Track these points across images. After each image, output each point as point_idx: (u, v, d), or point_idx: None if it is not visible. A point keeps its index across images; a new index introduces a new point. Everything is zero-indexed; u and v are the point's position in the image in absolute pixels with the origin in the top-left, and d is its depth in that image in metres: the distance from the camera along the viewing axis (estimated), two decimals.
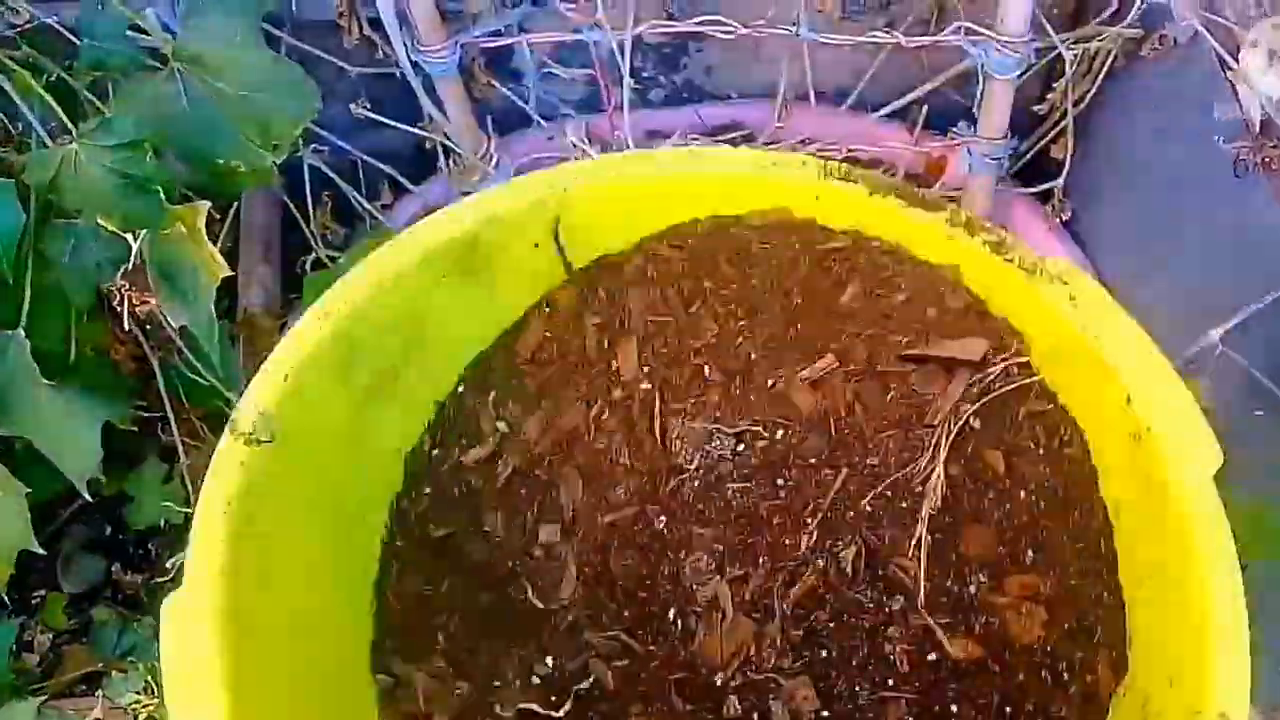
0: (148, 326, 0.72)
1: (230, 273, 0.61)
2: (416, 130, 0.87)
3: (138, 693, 0.65)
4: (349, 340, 0.53)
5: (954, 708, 0.51)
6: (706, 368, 0.60)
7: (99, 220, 0.59)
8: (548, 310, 0.62)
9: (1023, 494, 0.54)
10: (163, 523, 0.80)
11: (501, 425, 0.61)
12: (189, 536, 0.43)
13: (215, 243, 0.62)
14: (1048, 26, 0.76)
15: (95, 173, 0.59)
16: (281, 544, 0.48)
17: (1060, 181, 0.86)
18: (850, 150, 0.87)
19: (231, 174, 0.64)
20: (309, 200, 0.86)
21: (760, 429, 0.59)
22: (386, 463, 0.59)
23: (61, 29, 0.68)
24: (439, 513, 0.59)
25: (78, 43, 0.66)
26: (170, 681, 0.41)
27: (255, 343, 0.80)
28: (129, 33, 0.65)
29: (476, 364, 0.62)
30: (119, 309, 0.65)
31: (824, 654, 0.53)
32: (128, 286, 0.64)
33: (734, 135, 0.90)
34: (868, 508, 0.56)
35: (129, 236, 0.60)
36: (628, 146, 0.83)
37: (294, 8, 0.80)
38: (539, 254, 0.60)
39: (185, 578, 0.42)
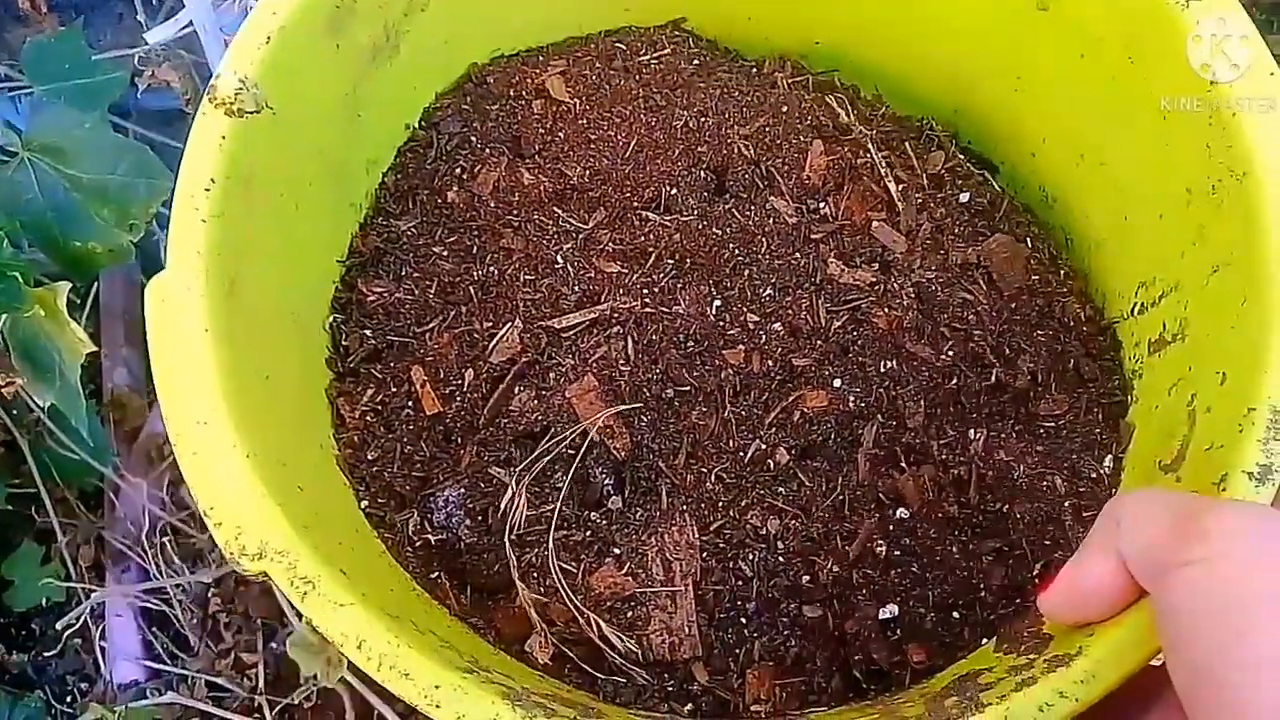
0: (14, 411, 0.72)
1: (94, 348, 0.61)
2: None
3: None
4: None
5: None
6: None
7: None
8: None
9: None
10: (45, 601, 0.78)
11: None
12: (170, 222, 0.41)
13: (79, 321, 0.61)
14: None
15: None
16: (268, 224, 0.45)
17: None
18: None
19: (89, 255, 0.64)
20: None
21: None
22: (383, 143, 0.53)
23: None
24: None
25: None
26: (157, 358, 0.40)
27: (126, 422, 0.81)
28: None
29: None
30: None
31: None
32: None
33: None
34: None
35: None
36: None
37: (138, 98, 0.79)
38: None
39: (168, 261, 0.41)
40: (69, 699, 0.79)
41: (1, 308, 0.58)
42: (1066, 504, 0.46)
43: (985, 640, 0.43)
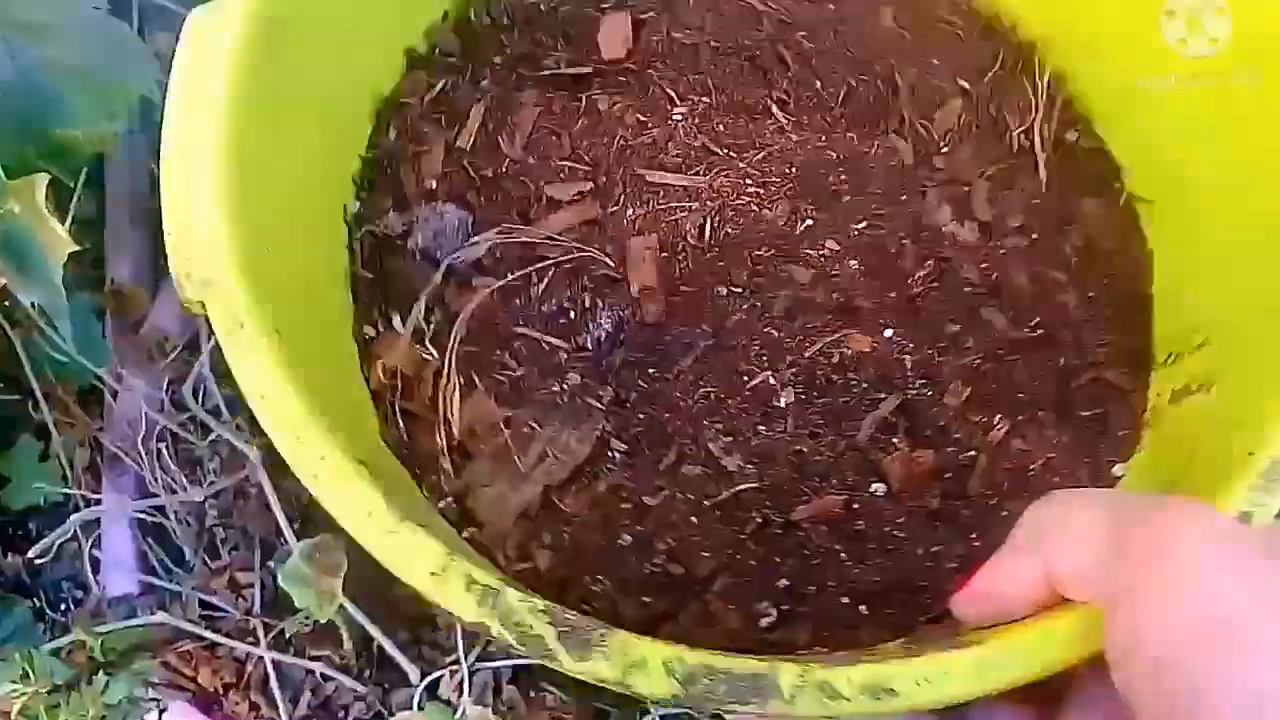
0: (5, 302, 0.67)
1: (75, 247, 0.55)
2: None
3: (14, 681, 0.61)
4: None
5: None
6: None
7: None
8: None
9: None
10: (42, 501, 0.75)
11: None
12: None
13: (68, 213, 0.58)
14: None
15: None
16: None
17: None
18: None
19: (72, 145, 0.57)
20: None
21: None
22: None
23: None
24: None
25: None
26: (179, 84, 0.38)
27: (128, 314, 0.76)
28: None
29: None
30: None
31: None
32: None
33: None
34: None
35: None
36: None
37: None
38: None
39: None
40: (62, 607, 0.74)
41: None
42: None
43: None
